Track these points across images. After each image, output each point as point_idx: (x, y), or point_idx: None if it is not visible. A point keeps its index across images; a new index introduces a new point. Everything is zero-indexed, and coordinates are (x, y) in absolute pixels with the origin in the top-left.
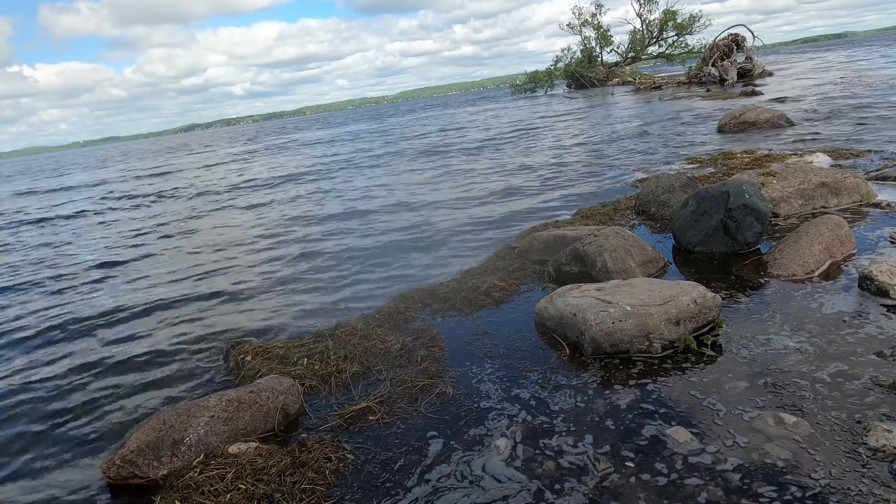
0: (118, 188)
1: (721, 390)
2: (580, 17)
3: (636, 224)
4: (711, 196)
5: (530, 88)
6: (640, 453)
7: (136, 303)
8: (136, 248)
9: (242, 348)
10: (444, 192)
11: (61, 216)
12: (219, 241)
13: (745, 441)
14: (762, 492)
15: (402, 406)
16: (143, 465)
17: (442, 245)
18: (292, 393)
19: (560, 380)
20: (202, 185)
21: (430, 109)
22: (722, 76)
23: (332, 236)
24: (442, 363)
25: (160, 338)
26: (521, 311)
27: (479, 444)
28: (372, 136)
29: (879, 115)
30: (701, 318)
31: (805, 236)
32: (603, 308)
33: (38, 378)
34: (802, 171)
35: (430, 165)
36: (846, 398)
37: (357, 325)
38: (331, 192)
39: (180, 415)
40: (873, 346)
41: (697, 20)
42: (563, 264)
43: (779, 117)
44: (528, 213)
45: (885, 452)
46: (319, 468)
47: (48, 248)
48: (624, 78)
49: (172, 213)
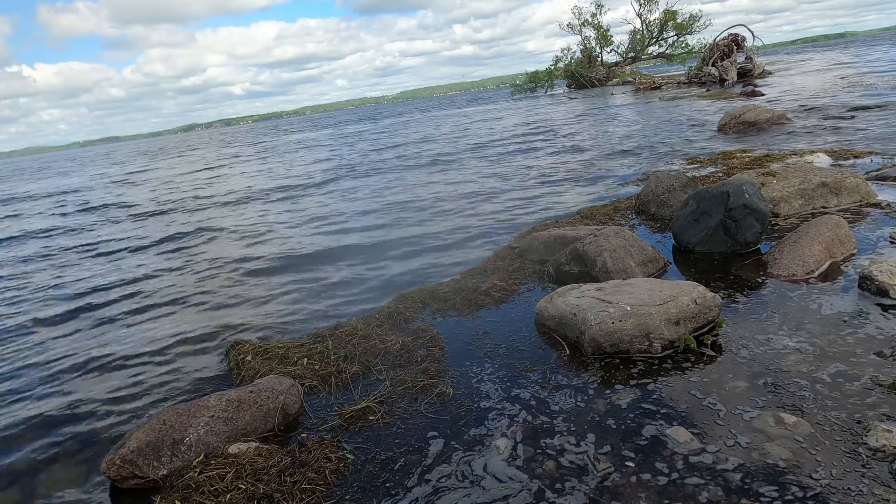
0: (77, 199)
1: (721, 390)
2: (580, 17)
3: (636, 224)
4: (711, 196)
5: (530, 88)
6: (641, 453)
7: (136, 302)
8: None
9: (242, 348)
10: (443, 192)
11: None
12: (219, 241)
13: (745, 441)
14: (762, 492)
15: (402, 406)
16: (143, 465)
17: (442, 245)
18: (292, 393)
19: (560, 380)
20: (174, 192)
21: (430, 110)
22: (722, 76)
23: (331, 236)
24: (442, 363)
25: (160, 338)
26: (521, 311)
27: (479, 444)
28: (373, 135)
29: (880, 114)
30: (701, 318)
31: (805, 236)
32: (603, 308)
33: (38, 378)
34: (802, 170)
35: (429, 164)
36: (846, 398)
37: (357, 325)
38: (330, 192)
39: (180, 415)
40: (873, 346)
41: (697, 20)
42: (563, 264)
43: (779, 117)
44: (528, 213)
45: (885, 452)
46: (319, 468)
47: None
48: (624, 78)
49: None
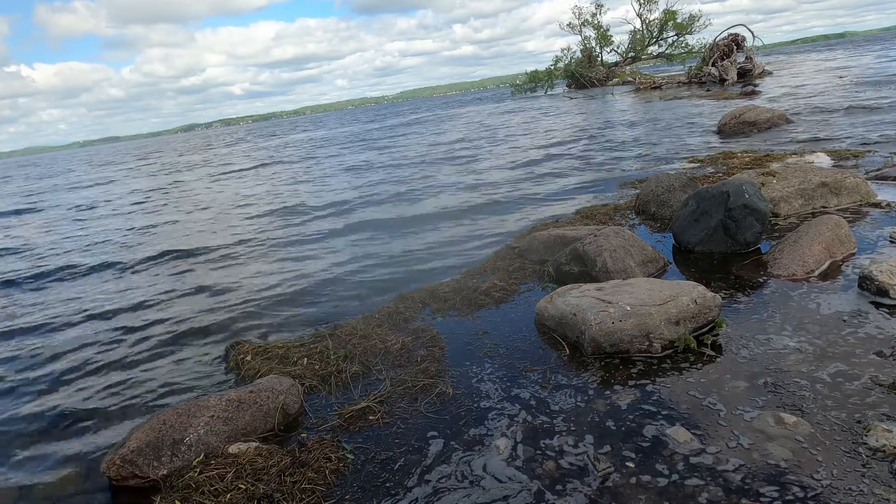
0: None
1: (721, 390)
2: (580, 17)
3: (636, 224)
4: (711, 196)
5: (530, 88)
6: (641, 453)
7: (136, 302)
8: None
9: (242, 348)
10: (442, 192)
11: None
12: (219, 240)
13: (745, 441)
14: (763, 492)
15: (402, 406)
16: (143, 465)
17: (441, 244)
18: (292, 393)
19: (560, 379)
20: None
21: (433, 110)
22: (722, 76)
23: (331, 235)
24: (442, 363)
25: (160, 338)
26: (521, 311)
27: (479, 444)
28: (387, 131)
29: (880, 114)
30: (701, 318)
31: (805, 236)
32: (603, 308)
33: (38, 377)
34: (802, 170)
35: (429, 162)
36: (846, 398)
37: (357, 325)
38: (329, 190)
39: (180, 415)
40: (873, 346)
41: (697, 20)
42: (563, 264)
43: (779, 117)
44: (528, 212)
45: (885, 452)
46: (319, 468)
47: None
48: (624, 78)
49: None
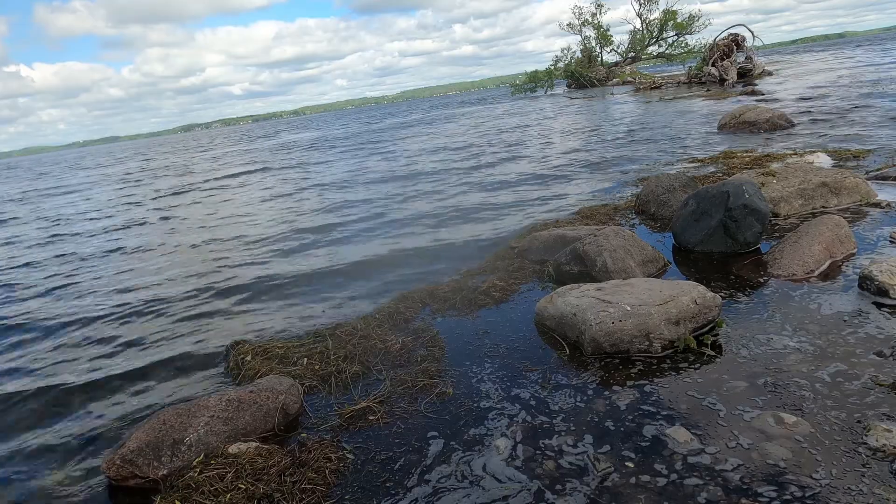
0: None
1: (721, 390)
2: (580, 17)
3: (636, 224)
4: (711, 196)
5: (530, 88)
6: (640, 453)
7: (135, 302)
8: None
9: (242, 348)
10: (443, 192)
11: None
12: (218, 240)
13: (745, 441)
14: (762, 492)
15: (402, 406)
16: (143, 465)
17: (441, 244)
18: (292, 393)
19: (560, 379)
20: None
21: (434, 110)
22: (722, 76)
23: (330, 236)
24: (442, 363)
25: (160, 338)
26: (521, 311)
27: (479, 444)
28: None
29: (880, 114)
30: (701, 318)
31: (805, 236)
32: (603, 308)
33: (38, 377)
34: (802, 170)
35: (428, 162)
36: (846, 398)
37: (357, 325)
38: (328, 188)
39: (180, 415)
40: (873, 345)
41: (697, 20)
42: (563, 264)
43: (779, 117)
44: (528, 212)
45: (885, 452)
46: (319, 468)
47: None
48: (624, 78)
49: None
